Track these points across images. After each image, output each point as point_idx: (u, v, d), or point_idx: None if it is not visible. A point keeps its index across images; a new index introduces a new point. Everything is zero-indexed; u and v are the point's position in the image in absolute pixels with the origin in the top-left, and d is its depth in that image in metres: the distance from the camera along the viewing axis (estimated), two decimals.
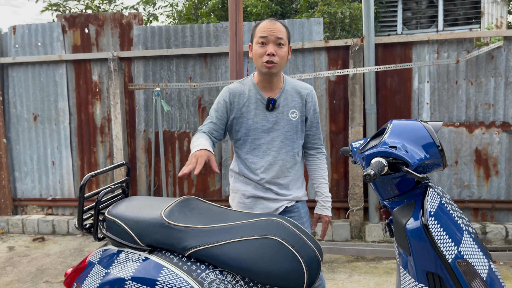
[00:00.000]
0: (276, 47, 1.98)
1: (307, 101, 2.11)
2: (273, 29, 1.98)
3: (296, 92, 2.12)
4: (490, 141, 4.16)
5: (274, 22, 2.02)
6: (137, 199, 1.96)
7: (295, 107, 2.09)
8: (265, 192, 2.12)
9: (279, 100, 2.07)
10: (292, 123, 2.08)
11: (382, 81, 4.28)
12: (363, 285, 3.33)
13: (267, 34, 1.98)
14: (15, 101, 4.97)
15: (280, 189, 2.12)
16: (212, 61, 4.55)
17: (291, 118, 2.08)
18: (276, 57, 1.98)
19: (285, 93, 2.09)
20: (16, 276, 3.67)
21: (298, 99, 2.10)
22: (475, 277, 1.41)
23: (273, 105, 2.05)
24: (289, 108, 2.08)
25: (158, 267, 1.64)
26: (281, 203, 2.13)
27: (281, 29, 2.01)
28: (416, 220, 1.45)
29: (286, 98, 2.09)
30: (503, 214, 4.22)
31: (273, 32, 1.98)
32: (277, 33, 1.98)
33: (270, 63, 1.97)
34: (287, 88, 2.11)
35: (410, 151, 1.48)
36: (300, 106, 2.10)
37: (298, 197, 2.16)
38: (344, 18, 5.87)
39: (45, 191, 5.00)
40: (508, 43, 4.07)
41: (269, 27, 1.99)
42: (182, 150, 4.68)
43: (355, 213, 4.27)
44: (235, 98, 2.10)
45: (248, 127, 2.09)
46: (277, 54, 1.98)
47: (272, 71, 2.00)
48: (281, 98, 2.08)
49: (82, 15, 4.83)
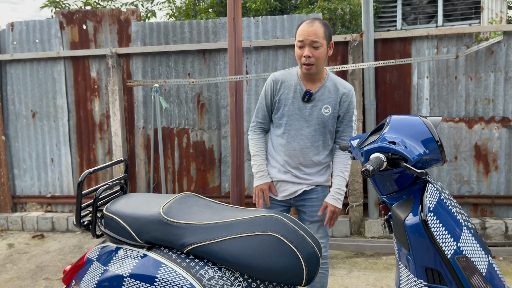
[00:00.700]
0: (312, 49, 2.14)
1: (341, 99, 2.26)
2: (309, 32, 2.13)
3: (335, 90, 2.27)
4: (489, 137, 4.15)
5: (311, 24, 2.15)
6: (135, 195, 1.95)
7: (329, 103, 2.25)
8: (285, 175, 2.32)
9: (316, 94, 2.25)
10: (324, 117, 2.25)
11: (381, 77, 4.27)
12: (363, 281, 3.33)
13: (303, 38, 2.14)
14: (13, 98, 4.95)
15: (301, 174, 2.30)
16: (211, 57, 4.53)
17: (323, 112, 2.25)
18: (312, 59, 2.15)
19: (323, 89, 2.26)
20: (15, 273, 3.67)
21: (334, 96, 2.26)
22: (474, 272, 1.41)
23: (309, 97, 2.24)
24: (324, 103, 2.25)
25: (157, 264, 1.64)
26: (300, 187, 2.32)
27: (317, 31, 2.13)
28: (415, 216, 1.44)
29: (323, 93, 2.26)
30: (503, 209, 4.22)
31: (309, 36, 2.13)
32: (312, 36, 2.12)
33: (307, 65, 2.16)
34: (327, 84, 2.27)
35: (409, 147, 1.47)
36: (334, 103, 2.25)
37: (318, 182, 2.33)
38: (344, 14, 5.84)
39: (44, 188, 5.00)
40: (508, 38, 4.05)
41: (306, 30, 2.14)
42: (181, 147, 4.67)
43: (354, 209, 4.27)
44: (278, 85, 2.31)
45: (284, 112, 2.29)
46: (313, 56, 2.14)
47: (310, 72, 2.20)
48: (318, 92, 2.26)
49: (80, 11, 4.81)
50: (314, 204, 2.33)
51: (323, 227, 2.35)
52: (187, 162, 4.69)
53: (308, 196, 2.33)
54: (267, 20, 4.44)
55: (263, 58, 4.43)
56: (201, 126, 4.62)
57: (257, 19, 4.46)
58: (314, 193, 2.33)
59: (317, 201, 2.32)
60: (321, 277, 2.38)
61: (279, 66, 4.41)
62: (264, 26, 4.45)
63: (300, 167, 2.30)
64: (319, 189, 2.34)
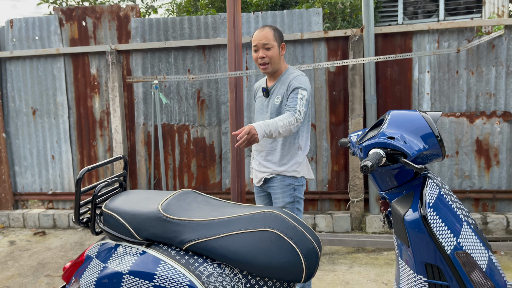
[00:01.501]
0: (265, 51, 2.42)
1: (289, 85, 2.42)
2: (260, 37, 2.42)
3: (286, 80, 2.47)
4: (491, 131, 4.14)
5: (262, 29, 2.45)
6: (134, 192, 1.95)
7: (280, 93, 2.46)
8: (254, 163, 2.61)
9: (271, 89, 2.51)
10: (275, 106, 2.47)
11: (382, 72, 4.25)
12: (364, 276, 3.33)
13: (256, 42, 2.43)
14: (13, 95, 4.95)
15: (263, 161, 2.52)
16: (211, 53, 4.52)
17: (275, 102, 2.47)
18: (266, 58, 2.42)
19: (277, 83, 2.51)
20: (17, 270, 3.68)
21: (285, 86, 2.45)
22: (474, 268, 1.40)
23: (267, 93, 2.52)
24: (276, 94, 2.48)
25: (156, 261, 1.64)
26: (262, 175, 2.53)
27: (267, 35, 2.41)
28: (415, 212, 1.43)
29: (277, 86, 2.50)
30: (504, 204, 4.21)
31: (260, 40, 2.41)
32: (263, 39, 2.41)
33: (263, 64, 2.45)
34: (282, 78, 2.51)
35: (408, 142, 1.46)
36: (284, 92, 2.44)
37: (277, 171, 2.48)
38: (344, 8, 5.81)
39: (45, 185, 5.00)
40: (509, 32, 4.03)
41: (257, 35, 2.43)
42: (182, 143, 4.67)
43: (355, 205, 4.26)
44: (255, 90, 2.71)
45: (256, 112, 2.65)
46: (266, 56, 2.42)
47: (267, 70, 2.47)
48: (274, 86, 2.51)
49: (79, 7, 4.79)
50: (275, 191, 2.49)
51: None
52: (187, 158, 4.68)
53: (270, 184, 2.52)
54: (267, 16, 4.42)
55: None
56: (202, 122, 4.61)
57: (257, 14, 4.43)
58: (275, 181, 2.49)
59: (278, 189, 2.48)
60: None
61: None
62: (264, 21, 4.43)
63: (264, 155, 2.52)
64: (279, 178, 2.48)
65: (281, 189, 2.47)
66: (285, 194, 2.46)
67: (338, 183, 4.45)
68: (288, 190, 2.46)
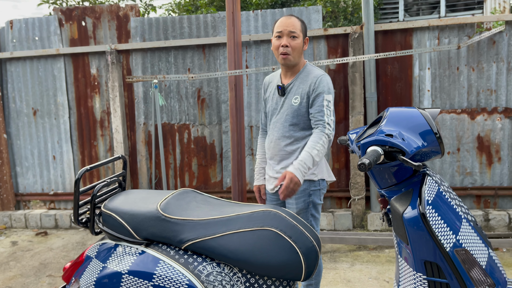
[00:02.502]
0: (289, 39, 2.21)
1: (310, 87, 2.23)
2: (287, 24, 2.22)
3: (306, 80, 2.26)
4: (492, 128, 4.12)
5: (289, 17, 2.25)
6: (133, 192, 1.95)
7: (299, 93, 2.25)
8: (271, 170, 2.39)
9: (288, 87, 2.30)
10: (293, 107, 2.26)
11: (382, 69, 4.23)
12: (365, 274, 3.32)
13: (282, 29, 2.22)
14: (14, 96, 4.96)
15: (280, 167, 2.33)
16: (211, 52, 4.51)
17: (292, 103, 2.26)
18: (289, 48, 2.21)
19: (295, 80, 2.29)
20: (19, 271, 3.69)
21: (305, 86, 2.25)
22: (474, 265, 1.39)
23: (282, 91, 2.30)
24: (294, 94, 2.27)
25: (155, 261, 1.64)
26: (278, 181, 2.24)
27: (295, 23, 2.23)
28: (414, 209, 1.42)
29: (295, 85, 2.28)
30: (506, 200, 4.20)
31: (287, 26, 2.21)
32: (290, 27, 2.21)
33: (284, 54, 2.22)
34: (301, 76, 2.30)
35: (407, 139, 1.45)
36: (304, 92, 2.24)
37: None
38: (346, 7, 5.79)
39: (46, 185, 5.01)
40: (510, 27, 4.00)
41: (284, 22, 2.23)
42: (182, 142, 4.67)
43: (356, 202, 4.26)
44: (266, 86, 2.49)
45: (268, 109, 2.43)
46: (290, 46, 2.21)
47: (287, 62, 2.24)
48: (291, 85, 2.29)
49: (79, 8, 4.79)
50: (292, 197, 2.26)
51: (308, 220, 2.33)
52: (188, 157, 4.68)
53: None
54: (266, 14, 4.41)
55: (262, 52, 4.41)
56: (202, 121, 4.61)
57: (256, 12, 4.42)
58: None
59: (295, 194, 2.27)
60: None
61: None
62: (264, 19, 4.42)
63: (277, 159, 2.34)
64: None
65: (300, 195, 2.28)
66: (298, 200, 2.28)
67: (339, 181, 4.44)
68: (302, 196, 2.28)
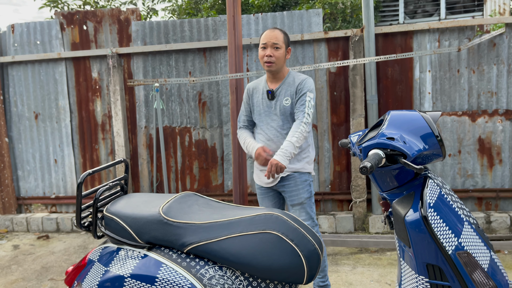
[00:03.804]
0: (273, 50, 2.53)
1: (297, 88, 2.57)
2: (271, 36, 2.54)
3: (293, 83, 2.60)
4: (493, 130, 4.12)
5: (273, 30, 2.57)
6: (135, 196, 1.95)
7: (289, 95, 2.57)
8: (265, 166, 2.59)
9: (277, 91, 2.60)
10: (286, 108, 2.57)
11: (383, 72, 4.24)
12: (367, 277, 3.32)
13: (266, 40, 2.54)
14: (15, 100, 4.97)
15: None
16: (212, 55, 4.52)
17: (284, 104, 2.58)
18: (273, 58, 2.53)
19: (283, 85, 2.61)
20: (21, 274, 3.69)
21: (293, 88, 2.58)
22: (476, 268, 1.40)
23: (272, 95, 2.60)
24: (284, 96, 2.58)
25: (157, 264, 1.64)
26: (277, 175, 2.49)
27: (278, 36, 2.55)
28: (416, 212, 1.43)
29: (283, 88, 2.60)
30: (508, 202, 4.19)
31: (271, 39, 2.53)
32: (273, 39, 2.53)
33: (269, 63, 2.54)
34: (287, 80, 2.62)
35: (408, 142, 1.45)
36: (292, 94, 2.57)
37: (293, 168, 2.59)
38: (345, 8, 5.81)
39: (48, 189, 5.02)
40: (510, 30, 4.01)
41: (269, 35, 2.55)
42: (184, 146, 4.67)
43: (358, 205, 4.26)
44: (250, 92, 2.74)
45: (256, 112, 2.68)
46: (273, 55, 2.53)
47: (271, 69, 2.57)
48: (279, 89, 2.60)
49: (80, 12, 4.81)
50: (292, 189, 2.60)
51: (305, 210, 2.61)
52: (189, 160, 4.69)
53: (286, 182, 2.60)
54: (267, 17, 4.42)
55: None
56: (203, 124, 4.62)
57: (257, 16, 4.44)
58: (291, 179, 2.59)
59: (294, 186, 2.59)
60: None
61: None
62: (264, 23, 4.43)
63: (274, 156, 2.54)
64: (296, 175, 2.60)
65: (299, 186, 2.58)
66: (303, 190, 2.59)
67: (340, 184, 4.44)
68: (305, 186, 2.60)
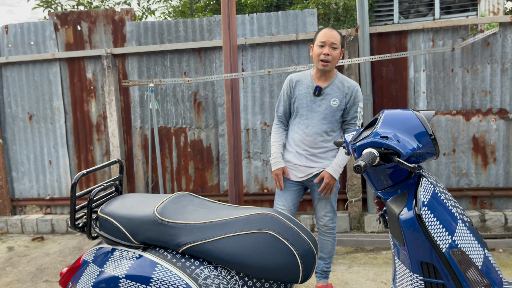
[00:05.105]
0: (331, 49, 2.59)
1: (346, 94, 2.66)
2: (331, 36, 2.59)
3: (342, 86, 2.68)
4: (487, 129, 4.14)
5: (332, 29, 2.64)
6: (130, 196, 1.95)
7: (337, 96, 2.66)
8: (300, 160, 2.72)
9: (325, 89, 2.67)
10: (332, 108, 2.66)
11: (377, 71, 4.26)
12: (363, 276, 3.33)
13: (326, 39, 2.59)
14: (9, 101, 4.94)
15: (312, 158, 2.70)
16: (206, 55, 4.52)
17: (331, 104, 2.65)
18: (330, 57, 2.59)
19: (332, 85, 2.68)
20: (15, 276, 3.67)
21: (341, 91, 2.67)
22: (470, 266, 1.40)
23: (319, 92, 2.66)
24: (332, 96, 2.66)
25: (152, 264, 1.64)
26: (311, 170, 2.71)
27: (336, 36, 2.61)
28: (410, 211, 1.43)
29: (332, 89, 2.67)
30: (502, 201, 4.22)
31: (330, 38, 2.59)
32: (333, 39, 2.59)
33: (325, 61, 2.59)
34: (336, 81, 2.69)
35: (402, 141, 1.46)
36: (341, 97, 2.66)
37: (327, 165, 2.71)
38: (337, 8, 5.82)
39: (43, 190, 5.00)
40: (503, 29, 4.04)
41: (328, 34, 2.60)
42: (179, 146, 4.67)
43: (353, 204, 4.27)
44: (293, 83, 2.76)
45: (298, 105, 2.72)
46: (331, 55, 2.59)
47: (326, 68, 2.62)
48: (328, 88, 2.67)
49: (74, 12, 4.79)
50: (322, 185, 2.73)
51: (331, 203, 2.80)
52: (185, 161, 4.68)
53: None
54: (261, 17, 4.43)
55: (258, 55, 4.42)
56: (198, 124, 4.61)
57: (252, 16, 4.44)
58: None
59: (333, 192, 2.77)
60: (328, 245, 2.88)
61: (274, 63, 4.39)
62: (259, 23, 4.43)
63: (311, 152, 2.70)
64: None
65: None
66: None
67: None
68: (336, 183, 2.80)
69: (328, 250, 2.88)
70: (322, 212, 2.81)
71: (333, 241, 2.88)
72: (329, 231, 2.85)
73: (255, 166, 4.53)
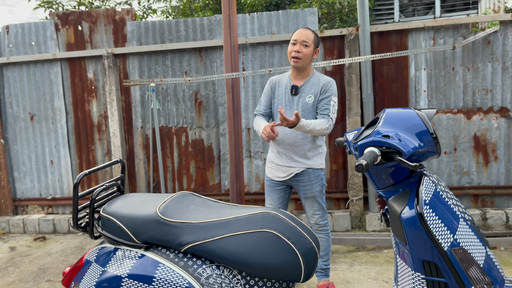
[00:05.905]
0: (302, 47, 2.66)
1: (322, 89, 2.70)
2: (302, 34, 2.68)
3: (317, 83, 2.73)
4: (488, 127, 4.14)
5: (305, 29, 2.72)
6: (132, 196, 1.95)
7: (312, 93, 2.71)
8: (281, 160, 2.77)
9: (301, 88, 2.73)
10: (308, 105, 2.70)
11: (378, 70, 4.25)
12: (364, 275, 3.33)
13: (297, 37, 2.68)
14: (11, 101, 4.95)
15: (294, 156, 2.73)
16: (207, 55, 4.52)
17: (307, 101, 2.70)
18: (301, 54, 2.65)
19: (307, 83, 2.74)
20: (18, 276, 3.68)
21: (317, 88, 2.71)
22: (471, 264, 1.41)
23: (296, 90, 2.73)
24: (307, 93, 2.71)
25: (155, 264, 1.64)
26: (292, 170, 2.75)
27: (309, 35, 2.68)
28: (411, 209, 1.43)
29: (307, 86, 2.73)
30: (503, 199, 4.22)
31: (301, 36, 2.67)
32: (304, 37, 2.66)
33: (296, 58, 2.66)
34: (312, 79, 2.75)
35: (403, 140, 1.46)
36: (316, 93, 2.70)
37: (308, 165, 2.74)
38: (342, 8, 5.81)
39: (44, 190, 5.01)
40: (504, 27, 4.03)
41: (300, 32, 2.69)
42: (180, 145, 4.67)
43: (355, 203, 4.27)
44: (273, 85, 2.85)
45: (277, 105, 2.79)
46: (301, 52, 2.65)
47: (297, 65, 2.68)
48: (303, 86, 2.73)
49: (75, 12, 4.79)
50: (306, 184, 2.77)
51: (317, 202, 2.82)
52: (186, 160, 4.68)
53: (300, 177, 2.77)
54: (262, 16, 4.43)
55: (259, 55, 4.42)
56: (199, 124, 4.62)
57: (252, 15, 4.44)
58: (305, 174, 2.76)
59: (308, 181, 2.77)
60: (322, 242, 2.90)
61: (275, 62, 4.39)
62: (260, 22, 4.43)
63: (292, 150, 2.73)
64: (310, 171, 2.76)
65: (312, 181, 2.77)
66: (316, 184, 2.78)
67: (337, 182, 4.45)
68: (318, 181, 2.79)
69: (324, 247, 2.91)
70: (311, 211, 2.85)
71: (327, 238, 2.91)
72: (321, 229, 2.88)
73: (256, 165, 4.53)
